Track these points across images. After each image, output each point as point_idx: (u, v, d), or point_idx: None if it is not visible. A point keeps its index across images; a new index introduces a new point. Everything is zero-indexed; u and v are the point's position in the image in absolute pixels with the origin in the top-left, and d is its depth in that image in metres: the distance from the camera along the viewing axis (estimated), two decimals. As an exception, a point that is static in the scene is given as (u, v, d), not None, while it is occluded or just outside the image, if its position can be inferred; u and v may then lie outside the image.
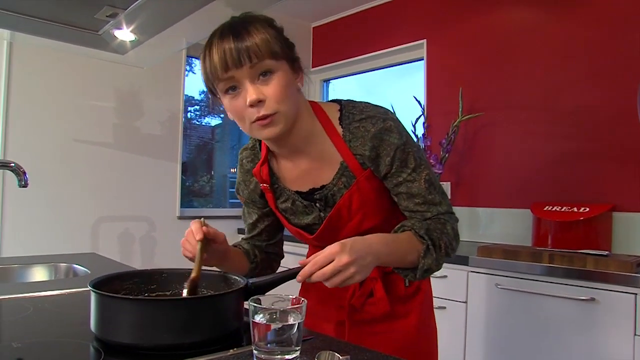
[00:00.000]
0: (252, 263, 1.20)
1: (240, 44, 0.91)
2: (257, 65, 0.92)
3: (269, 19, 0.98)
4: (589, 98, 2.37)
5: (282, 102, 0.94)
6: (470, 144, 2.82)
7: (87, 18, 1.25)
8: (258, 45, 0.92)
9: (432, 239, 1.00)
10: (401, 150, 1.01)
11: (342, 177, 1.05)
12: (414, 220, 1.04)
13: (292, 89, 0.98)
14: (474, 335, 2.09)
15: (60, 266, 1.63)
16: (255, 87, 0.93)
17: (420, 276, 1.01)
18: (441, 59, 3.04)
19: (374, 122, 1.02)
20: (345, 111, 1.05)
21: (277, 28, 0.98)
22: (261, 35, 0.93)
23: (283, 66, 0.96)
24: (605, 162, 2.31)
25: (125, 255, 2.91)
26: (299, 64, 1.02)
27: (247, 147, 1.20)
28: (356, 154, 1.03)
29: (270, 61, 0.93)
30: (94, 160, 2.84)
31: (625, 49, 2.26)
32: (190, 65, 3.46)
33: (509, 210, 2.63)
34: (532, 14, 2.62)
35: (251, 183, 1.18)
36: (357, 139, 1.02)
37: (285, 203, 1.13)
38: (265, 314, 0.73)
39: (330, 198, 1.07)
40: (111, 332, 0.80)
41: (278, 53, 0.94)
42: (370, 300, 1.13)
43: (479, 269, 2.07)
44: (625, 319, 1.69)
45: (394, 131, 1.02)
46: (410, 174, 1.03)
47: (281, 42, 0.96)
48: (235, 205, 3.82)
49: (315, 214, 1.10)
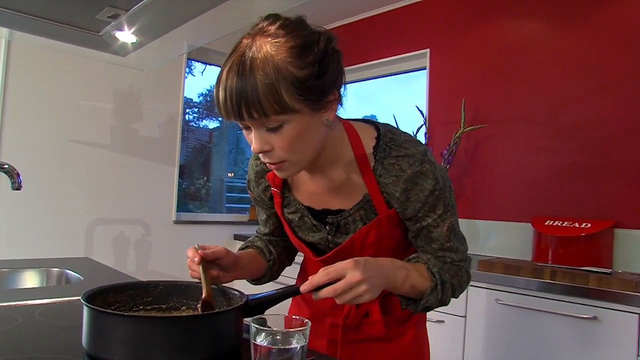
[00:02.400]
0: (269, 261, 1.17)
1: (243, 101, 0.80)
2: (260, 121, 0.83)
3: (295, 46, 0.82)
4: (593, 113, 2.35)
5: (291, 152, 0.87)
6: (472, 155, 2.80)
7: (88, 18, 1.22)
8: (263, 105, 0.80)
9: (442, 279, 0.97)
10: (433, 197, 0.96)
11: (361, 209, 1.00)
12: (430, 256, 1.00)
13: (310, 134, 0.87)
14: (472, 351, 2.05)
15: (52, 271, 1.59)
16: (260, 137, 0.85)
17: (420, 310, 0.99)
18: (444, 69, 3.02)
19: (412, 162, 0.94)
20: (382, 142, 0.97)
21: (299, 59, 0.82)
22: (269, 89, 0.79)
23: (298, 116, 0.84)
24: (608, 178, 2.29)
25: (120, 260, 2.86)
26: (333, 95, 0.88)
27: None
28: (384, 191, 0.97)
29: (278, 117, 0.82)
30: (90, 162, 2.81)
31: (631, 64, 2.24)
32: (190, 68, 3.43)
33: (509, 223, 2.60)
34: (537, 26, 2.61)
35: (261, 184, 1.13)
36: (390, 176, 0.95)
37: (293, 215, 1.08)
38: (267, 336, 0.70)
39: (343, 226, 1.02)
40: (103, 349, 0.76)
41: (290, 107, 0.81)
42: (366, 320, 1.10)
43: (479, 284, 2.04)
44: (628, 339, 1.66)
45: (430, 176, 0.95)
46: (435, 220, 0.98)
47: (299, 86, 0.81)
48: (232, 210, 3.79)
49: (323, 235, 1.06)
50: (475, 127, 2.68)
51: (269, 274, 1.19)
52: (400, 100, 3.49)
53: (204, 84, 3.68)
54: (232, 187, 3.92)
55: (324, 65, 0.85)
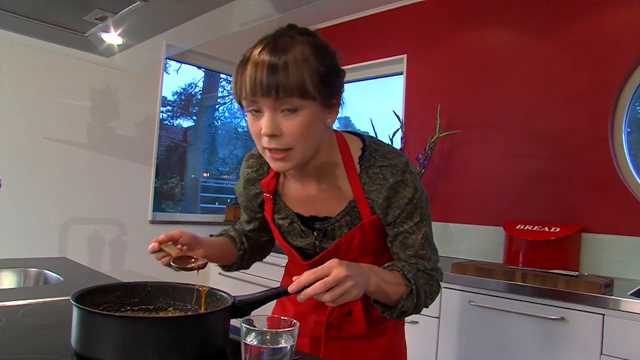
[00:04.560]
0: (240, 250, 1.23)
1: (273, 76, 0.87)
2: (283, 100, 0.88)
3: (318, 46, 0.93)
4: (564, 121, 2.43)
5: (299, 141, 0.92)
6: (447, 160, 2.86)
7: (75, 19, 1.21)
8: (290, 82, 0.87)
9: (417, 285, 1.01)
10: (411, 205, 1.02)
11: (347, 215, 1.05)
12: (404, 263, 1.05)
13: (315, 128, 0.94)
14: (445, 351, 2.11)
15: (30, 271, 1.58)
16: (273, 120, 0.90)
17: (396, 316, 1.03)
18: (421, 75, 3.08)
19: (394, 172, 1.01)
20: (367, 152, 1.04)
21: (323, 56, 0.93)
22: (298, 71, 0.88)
23: (312, 105, 0.91)
24: (576, 185, 2.38)
25: (94, 259, 2.83)
26: (337, 99, 0.98)
27: (254, 153, 1.17)
28: (369, 197, 1.03)
29: (298, 100, 0.89)
30: (66, 160, 2.76)
31: (601, 74, 2.34)
32: (165, 67, 3.40)
33: (481, 227, 2.67)
34: (512, 36, 2.69)
35: (250, 191, 1.17)
36: (374, 184, 1.02)
37: (283, 220, 1.13)
38: (257, 336, 0.72)
39: (330, 232, 1.08)
40: (93, 349, 0.77)
41: (310, 93, 0.89)
42: (348, 318, 1.14)
43: (452, 285, 2.10)
44: (593, 339, 1.73)
45: (410, 185, 1.02)
46: (412, 227, 1.04)
47: (321, 78, 0.90)
48: (207, 210, 3.77)
49: (310, 241, 1.11)
50: (450, 133, 2.75)
51: (239, 263, 1.24)
52: (376, 104, 3.54)
53: (178, 82, 3.66)
54: (206, 187, 3.90)
55: (337, 69, 0.96)
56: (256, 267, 1.37)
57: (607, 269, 2.22)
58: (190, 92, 3.80)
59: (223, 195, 3.93)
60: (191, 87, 3.79)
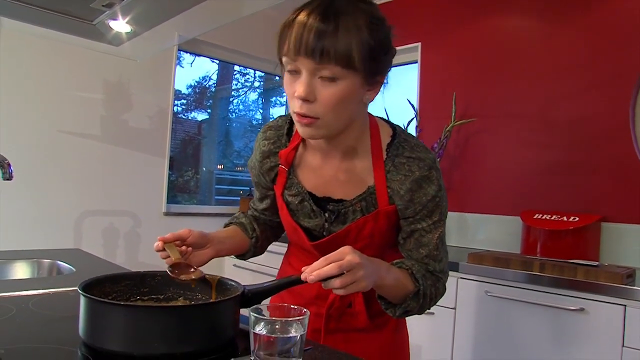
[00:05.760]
0: (252, 238, 1.18)
1: (320, 39, 0.83)
2: (324, 65, 0.84)
3: (374, 17, 0.88)
4: (583, 109, 2.38)
5: (330, 111, 0.88)
6: (462, 149, 2.82)
7: (82, 7, 1.20)
8: (336, 49, 0.83)
9: (424, 286, 0.99)
10: (433, 202, 1.00)
11: (363, 201, 1.02)
12: (414, 262, 1.02)
13: (351, 102, 0.90)
14: (462, 342, 2.08)
15: (44, 262, 1.58)
16: (310, 84, 0.86)
17: (399, 315, 1.01)
18: (435, 63, 3.03)
19: (421, 166, 0.99)
20: (397, 141, 1.02)
21: (377, 30, 0.88)
22: (347, 38, 0.83)
23: (353, 77, 0.87)
24: (595, 173, 2.32)
25: (109, 251, 2.84)
26: (381, 77, 0.94)
27: (273, 125, 1.12)
28: (390, 186, 1.00)
29: (339, 69, 0.85)
30: (79, 153, 2.78)
31: (621, 62, 2.27)
32: (179, 59, 3.40)
33: (498, 217, 2.63)
34: (529, 23, 2.63)
35: (265, 164, 1.11)
36: (398, 174, 0.99)
37: (293, 197, 1.08)
38: (266, 325, 0.70)
39: (342, 215, 1.04)
40: (101, 339, 0.76)
41: (354, 64, 0.85)
42: (349, 310, 1.12)
43: (469, 276, 2.07)
44: (614, 330, 1.69)
45: (435, 182, 0.99)
46: (429, 225, 1.01)
47: (369, 51, 0.86)
48: (221, 202, 3.77)
49: (319, 222, 1.07)
50: (466, 121, 2.70)
51: (252, 250, 1.20)
52: (391, 93, 3.50)
53: (192, 75, 3.66)
54: (221, 179, 3.90)
55: (388, 45, 0.93)
56: (273, 258, 1.35)
57: (628, 259, 2.17)
58: (205, 85, 3.80)
59: (238, 187, 3.93)
60: (205, 80, 3.78)
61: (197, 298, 0.96)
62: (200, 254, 1.03)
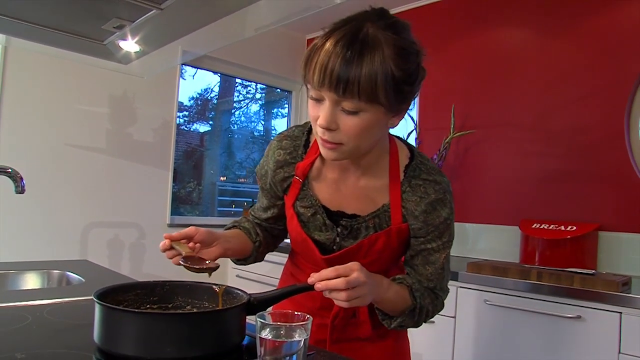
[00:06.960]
0: (255, 242, 1.20)
1: (344, 73, 0.82)
2: (347, 98, 0.84)
3: (402, 47, 0.87)
4: (579, 119, 2.42)
5: (353, 140, 0.89)
6: (462, 160, 2.86)
7: (93, 28, 1.25)
8: (360, 83, 0.82)
9: (421, 304, 1.04)
10: (444, 225, 1.03)
11: (376, 218, 1.05)
12: (414, 280, 1.07)
13: (374, 130, 0.91)
14: (461, 351, 2.11)
15: (53, 273, 1.62)
16: (332, 113, 0.87)
17: (394, 327, 1.06)
18: (434, 75, 3.06)
19: (437, 189, 1.01)
20: (414, 162, 1.04)
21: (405, 60, 0.87)
22: (371, 74, 0.82)
23: (376, 109, 0.87)
24: (592, 183, 2.36)
25: (114, 262, 2.89)
26: (407, 104, 0.93)
27: (289, 135, 1.12)
28: (404, 206, 1.02)
29: (363, 104, 0.85)
30: (86, 165, 2.83)
31: (617, 72, 2.32)
32: (181, 73, 3.46)
33: (497, 226, 2.67)
34: (526, 35, 2.68)
35: (278, 174, 1.11)
36: (414, 195, 1.02)
37: (306, 209, 1.09)
38: (271, 330, 0.75)
39: (355, 230, 1.06)
40: (115, 344, 0.80)
41: (378, 98, 0.84)
42: (353, 320, 1.15)
43: (468, 285, 2.10)
44: (611, 337, 1.72)
45: (448, 206, 1.03)
46: (439, 245, 1.05)
47: (394, 85, 0.85)
48: (224, 214, 3.81)
49: (331, 236, 1.08)
50: (465, 133, 2.75)
51: (254, 255, 1.21)
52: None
53: (194, 87, 3.71)
54: (224, 190, 3.94)
55: (415, 74, 0.91)
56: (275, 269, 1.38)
57: (624, 267, 2.20)
58: (207, 97, 3.85)
59: (240, 198, 3.97)
60: (207, 92, 3.84)
61: (205, 306, 1.00)
62: (208, 252, 1.05)
